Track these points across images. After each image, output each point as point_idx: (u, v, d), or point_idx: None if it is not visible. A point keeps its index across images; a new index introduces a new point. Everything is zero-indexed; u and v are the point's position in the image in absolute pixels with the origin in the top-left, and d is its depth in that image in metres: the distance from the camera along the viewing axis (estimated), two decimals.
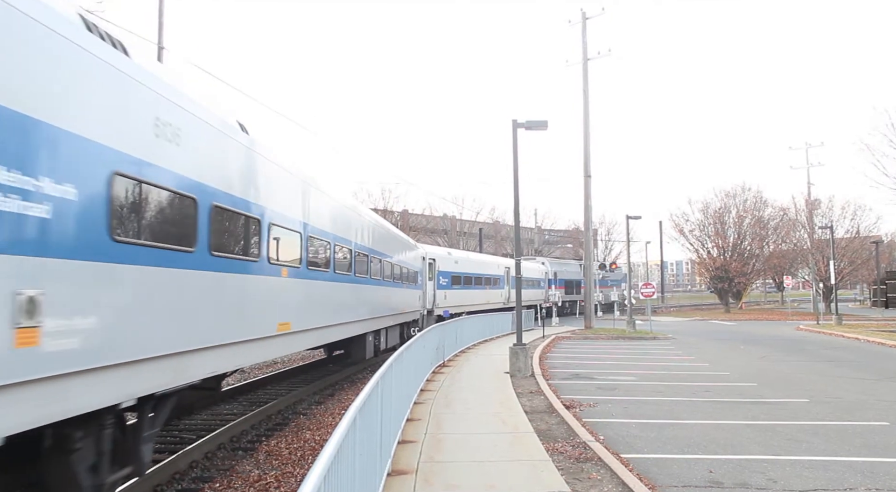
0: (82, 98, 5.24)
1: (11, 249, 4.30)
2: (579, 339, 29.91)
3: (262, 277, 9.28)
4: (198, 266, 7.18)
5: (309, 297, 11.61)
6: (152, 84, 6.30)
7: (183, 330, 6.86)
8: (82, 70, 5.25)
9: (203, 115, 7.42)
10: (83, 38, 5.27)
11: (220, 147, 7.95)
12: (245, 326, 8.63)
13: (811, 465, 8.17)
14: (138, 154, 5.96)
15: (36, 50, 4.71)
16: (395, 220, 56.28)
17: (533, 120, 17.04)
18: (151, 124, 6.23)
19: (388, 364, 7.46)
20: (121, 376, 5.65)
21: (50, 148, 4.79)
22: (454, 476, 7.22)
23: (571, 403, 12.25)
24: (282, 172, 10.24)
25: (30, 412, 4.51)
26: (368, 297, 16.86)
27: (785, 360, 21.04)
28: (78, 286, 5.09)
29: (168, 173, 6.49)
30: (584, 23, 36.20)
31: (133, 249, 5.86)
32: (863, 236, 57.76)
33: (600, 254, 73.48)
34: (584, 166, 35.97)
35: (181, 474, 8.41)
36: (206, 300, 7.45)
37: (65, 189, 4.90)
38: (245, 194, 8.59)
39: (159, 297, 6.38)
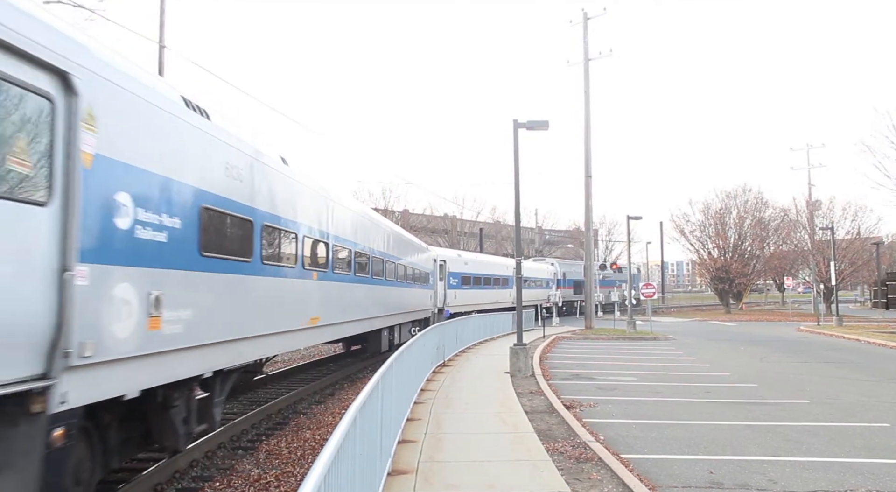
0: (182, 154, 7.21)
1: (147, 264, 6.41)
2: (580, 339, 29.90)
3: (298, 280, 11.23)
4: (254, 273, 9.14)
5: (334, 296, 13.59)
6: (224, 137, 8.30)
7: (242, 322, 8.75)
8: (184, 135, 7.31)
9: (255, 155, 9.36)
10: (184, 112, 7.36)
11: (269, 179, 9.86)
12: (285, 319, 10.59)
13: (811, 466, 8.16)
14: (215, 191, 7.94)
15: (161, 125, 6.81)
16: (395, 219, 56.31)
17: (534, 120, 17.04)
18: (223, 168, 8.22)
19: (389, 364, 7.46)
20: (204, 354, 7.67)
21: (166, 192, 6.77)
22: (454, 476, 7.22)
23: (572, 403, 12.25)
24: (312, 193, 12.22)
25: (153, 375, 6.56)
26: (384, 296, 18.88)
27: (785, 361, 21.03)
28: (181, 289, 7.03)
29: (234, 203, 8.47)
30: (585, 23, 36.19)
31: (213, 261, 7.81)
32: (864, 238, 57.66)
33: (601, 254, 73.50)
34: (584, 166, 35.96)
35: (181, 473, 8.41)
36: (258, 299, 9.32)
37: (174, 221, 6.89)
38: (286, 214, 10.59)
39: (229, 297, 8.33)
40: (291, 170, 11.06)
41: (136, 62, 6.98)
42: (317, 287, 12.34)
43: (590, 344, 27.47)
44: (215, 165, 8.03)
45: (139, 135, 6.45)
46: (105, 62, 5.98)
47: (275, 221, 10.02)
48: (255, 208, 9.24)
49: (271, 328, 9.87)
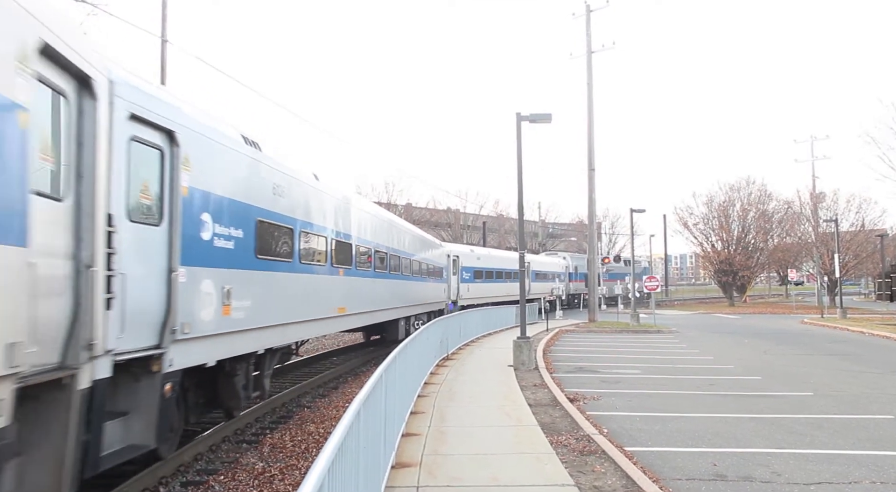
0: (243, 180, 9.45)
1: (222, 265, 8.59)
2: (583, 332, 29.90)
3: (328, 276, 13.49)
4: (294, 270, 11.38)
5: (357, 289, 15.83)
6: (271, 163, 10.51)
7: (285, 310, 10.96)
8: (243, 165, 9.51)
9: (295, 175, 11.57)
10: (243, 147, 9.50)
11: (304, 193, 12.08)
12: (318, 309, 12.90)
13: (815, 458, 8.16)
14: (266, 206, 10.16)
15: (228, 159, 8.97)
16: (398, 213, 56.24)
17: (537, 113, 17.00)
18: (271, 187, 10.44)
19: (392, 357, 7.46)
20: (258, 335, 9.86)
21: (233, 211, 8.98)
22: (458, 469, 7.23)
23: (575, 396, 12.26)
24: (338, 201, 14.45)
25: (224, 350, 8.75)
26: (401, 289, 21.00)
27: (789, 353, 21.01)
28: (243, 284, 9.17)
29: (280, 215, 10.72)
30: (588, 15, 36.04)
31: (265, 262, 10.02)
32: (868, 230, 57.55)
33: (604, 247, 73.33)
34: (588, 160, 35.87)
35: (186, 467, 8.44)
36: (297, 292, 11.61)
37: (238, 232, 9.08)
38: (318, 221, 12.81)
39: (276, 290, 10.52)
40: (321, 184, 13.32)
41: (212, 112, 9.17)
42: (343, 282, 14.62)
43: (593, 337, 27.46)
44: (265, 186, 10.25)
45: (214, 168, 8.56)
46: (194, 119, 8.09)
47: (309, 228, 12.27)
48: (295, 218, 11.52)
49: (308, 316, 12.19)
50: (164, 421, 7.23)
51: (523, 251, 17.78)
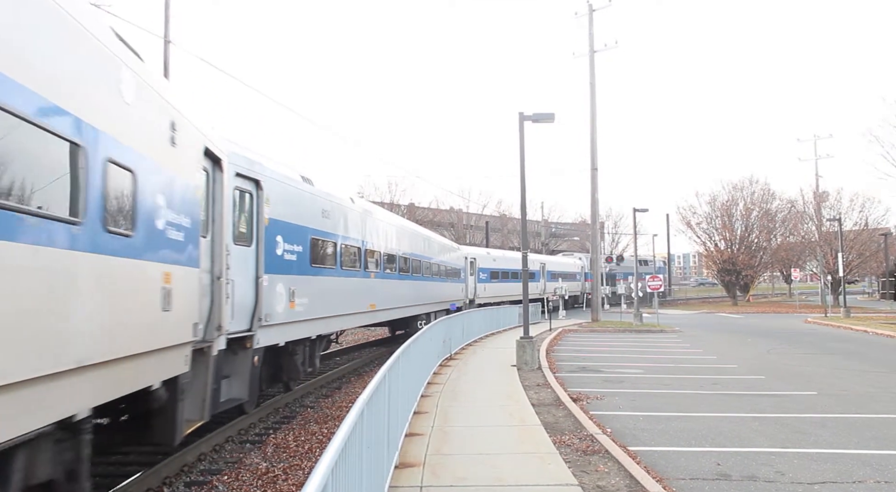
0: (301, 208, 12.42)
1: (289, 273, 11.46)
2: (586, 332, 29.89)
3: (362, 278, 16.66)
4: (336, 275, 14.61)
5: (384, 289, 18.73)
6: (320, 193, 13.71)
7: (330, 306, 14.17)
8: (302, 197, 12.56)
9: (336, 200, 14.84)
10: (301, 184, 12.58)
11: (344, 213, 15.32)
12: (354, 305, 16.02)
13: (819, 457, 8.14)
14: (316, 226, 13.30)
15: (291, 194, 12.00)
16: (401, 213, 56.22)
17: (540, 113, 16.99)
18: (321, 212, 13.62)
19: (396, 357, 7.47)
20: (312, 325, 12.89)
21: (296, 232, 11.99)
22: (462, 469, 7.23)
23: (578, 395, 12.25)
24: (368, 216, 17.66)
25: (290, 334, 11.53)
26: (422, 289, 24.07)
27: (793, 352, 20.97)
28: (302, 286, 12.09)
29: (326, 233, 13.92)
30: (590, 15, 36.01)
31: (316, 269, 13.18)
32: (871, 229, 57.37)
33: (607, 247, 73.27)
34: (590, 159, 35.84)
35: (189, 467, 8.46)
36: (339, 292, 14.81)
37: (299, 247, 12.07)
38: (353, 235, 16.01)
39: (323, 290, 13.65)
40: (356, 204, 16.89)
41: (281, 161, 12.38)
42: (373, 283, 17.64)
43: (596, 337, 27.45)
44: (316, 211, 13.43)
45: (283, 202, 11.60)
46: (271, 168, 11.18)
47: (347, 240, 15.49)
48: (337, 234, 14.73)
49: (346, 311, 15.41)
50: (253, 383, 10.37)
51: (526, 251, 17.79)
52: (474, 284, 35.39)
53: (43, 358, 4.31)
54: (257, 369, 10.34)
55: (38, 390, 4.25)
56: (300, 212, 12.41)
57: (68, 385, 4.68)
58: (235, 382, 9.89)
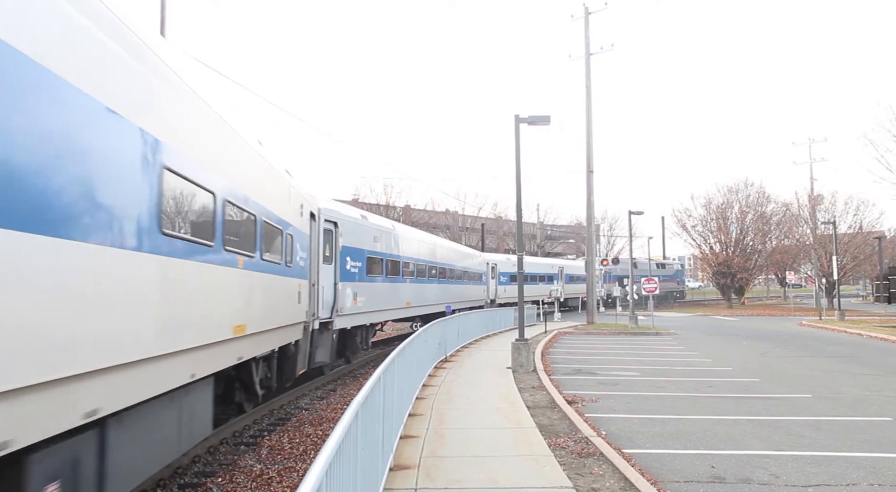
0: (360, 236, 18.08)
1: (353, 280, 17.19)
2: (581, 334, 29.90)
3: (400, 283, 22.23)
4: (383, 281, 19.99)
5: (417, 291, 24.46)
6: (372, 224, 19.50)
7: (378, 304, 19.25)
8: (362, 228, 18.37)
9: (382, 227, 20.36)
10: (361, 219, 18.78)
11: (388, 236, 20.78)
12: (395, 303, 21.57)
13: (814, 460, 8.16)
14: (369, 248, 18.76)
15: (355, 227, 17.78)
16: (397, 215, 56.20)
17: (535, 115, 17.01)
18: (372, 237, 19.13)
19: (391, 359, 7.46)
20: (369, 316, 18.76)
21: (357, 253, 17.65)
22: (456, 471, 7.23)
23: (573, 398, 12.26)
24: (402, 237, 22.96)
25: (354, 322, 17.40)
26: (447, 290, 29.42)
27: (787, 355, 21.02)
28: (361, 289, 17.69)
29: (376, 252, 19.37)
30: (586, 17, 36.08)
31: (370, 277, 18.75)
32: (866, 232, 57.58)
33: (602, 249, 73.36)
34: (586, 162, 35.89)
35: (184, 469, 8.43)
36: (385, 293, 20.07)
37: (359, 263, 17.74)
38: (394, 251, 21.38)
39: (374, 292, 18.90)
40: (397, 228, 23.25)
41: (349, 208, 18.82)
42: (408, 286, 23.29)
43: (591, 339, 27.47)
44: (369, 238, 18.76)
45: (350, 233, 16.73)
46: (344, 213, 16.96)
47: (390, 256, 20.89)
48: (383, 252, 20.16)
49: (388, 307, 20.88)
50: (332, 352, 15.75)
51: (521, 253, 17.81)
52: (495, 286, 40.39)
53: (269, 321, 9.81)
54: (335, 342, 15.97)
55: (269, 335, 9.90)
56: (360, 239, 17.98)
57: (272, 335, 10.19)
58: (322, 349, 15.07)
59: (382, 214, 53.39)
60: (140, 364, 5.31)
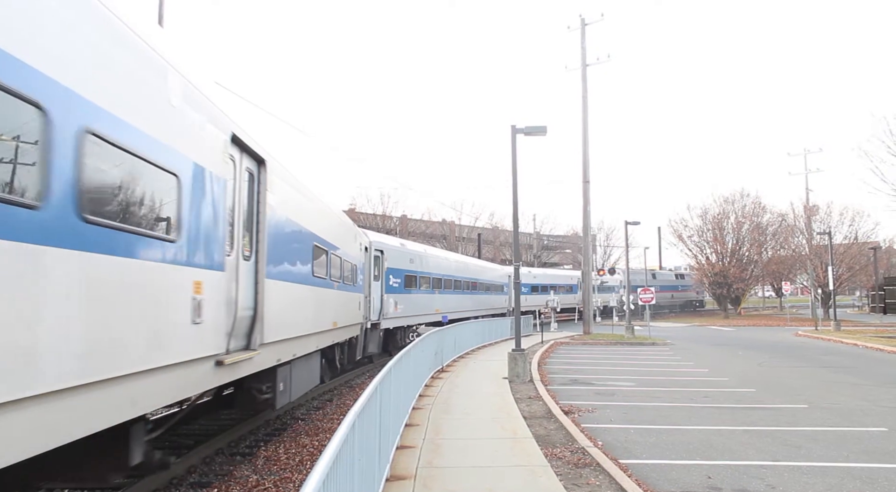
0: (401, 259, 24.70)
1: (395, 292, 23.61)
2: (578, 344, 29.90)
3: (433, 294, 28.89)
4: (418, 293, 26.67)
5: (445, 300, 30.34)
6: (410, 250, 26.76)
7: (415, 310, 25.93)
8: (401, 254, 25.03)
9: (418, 250, 28.11)
10: (401, 247, 25.70)
11: (422, 257, 27.70)
12: (427, 310, 27.67)
13: (810, 471, 8.17)
14: (407, 268, 25.33)
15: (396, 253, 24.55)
16: (393, 225, 56.32)
17: (532, 126, 17.08)
18: (409, 260, 25.79)
19: (387, 369, 7.46)
20: (405, 320, 24.97)
21: (398, 272, 24.15)
22: (453, 481, 7.21)
23: (570, 408, 12.25)
24: (434, 257, 29.85)
25: (396, 323, 23.82)
26: (474, 300, 36.41)
27: (783, 365, 21.04)
28: (400, 300, 24.04)
29: (412, 270, 25.97)
30: (583, 29, 36.34)
31: (407, 290, 25.20)
32: (861, 242, 57.75)
33: (599, 259, 73.47)
34: (582, 172, 36.04)
35: (179, 480, 8.38)
36: (419, 302, 26.58)
37: (399, 280, 24.27)
38: (425, 269, 27.75)
39: (411, 302, 25.50)
40: (428, 250, 29.87)
41: (390, 238, 26.46)
42: (439, 296, 29.54)
43: (588, 349, 27.47)
44: (407, 260, 25.15)
45: (393, 258, 23.47)
46: (388, 244, 23.93)
47: (422, 274, 26.62)
48: (417, 270, 26.15)
49: (422, 312, 26.61)
50: (379, 346, 21.19)
51: (518, 263, 17.83)
52: None
53: (344, 321, 15.01)
54: (381, 339, 21.45)
55: (345, 329, 15.30)
56: (399, 262, 24.12)
57: (346, 330, 15.45)
58: (372, 343, 20.37)
59: (378, 224, 53.79)
60: (304, 338, 10.88)
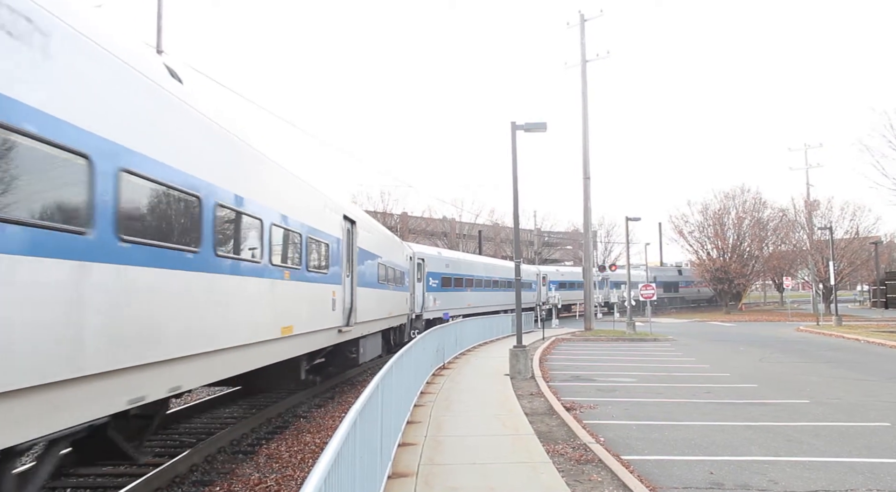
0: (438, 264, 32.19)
1: (433, 291, 30.50)
2: (579, 340, 29.90)
3: (465, 292, 35.90)
4: (452, 291, 33.29)
5: (475, 296, 37.40)
6: (447, 257, 35.08)
7: (448, 305, 32.11)
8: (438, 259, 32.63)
9: (453, 256, 36.51)
10: (437, 255, 33.02)
11: (455, 262, 35.40)
12: (460, 304, 34.50)
13: (812, 466, 8.16)
14: (443, 271, 32.56)
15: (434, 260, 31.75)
16: (394, 222, 56.32)
17: (532, 122, 17.04)
18: (445, 265, 33.19)
19: (388, 366, 7.45)
20: (442, 312, 30.91)
21: (435, 275, 31.28)
22: (455, 478, 7.21)
23: (572, 404, 12.25)
24: (467, 261, 37.81)
25: (433, 315, 29.69)
26: (500, 296, 41.32)
27: (785, 361, 21.04)
28: (438, 296, 30.86)
29: (448, 273, 33.18)
30: (582, 25, 36.25)
31: (444, 288, 32.09)
32: (862, 237, 57.70)
33: (600, 256, 73.43)
34: (583, 168, 36.00)
35: (181, 478, 8.39)
36: (453, 297, 33.31)
37: (437, 281, 31.26)
38: (459, 271, 35.21)
39: (449, 298, 32.64)
40: (462, 256, 38.97)
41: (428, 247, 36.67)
42: (470, 293, 36.31)
43: (589, 345, 27.47)
44: (443, 264, 32.50)
45: (430, 264, 30.95)
46: (428, 253, 31.76)
47: (455, 275, 34.06)
48: (452, 272, 33.40)
49: (456, 306, 33.33)
50: (422, 329, 24.50)
51: (518, 260, 17.81)
52: (546, 291, 51.47)
53: (397, 311, 22.10)
54: (424, 325, 26.53)
55: (397, 317, 22.22)
56: (436, 266, 30.75)
57: (398, 318, 22.41)
58: (416, 331, 24.51)
59: (379, 221, 53.67)
60: (374, 321, 17.18)
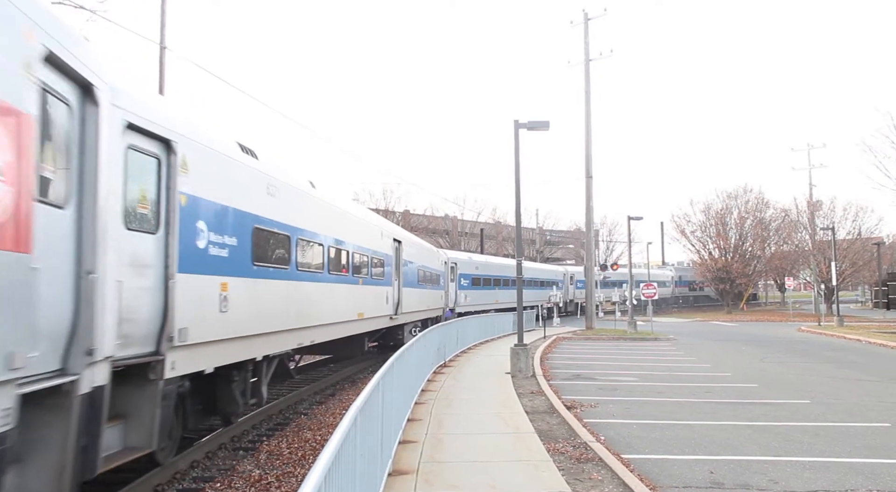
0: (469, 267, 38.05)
1: (465, 289, 36.38)
2: (580, 339, 29.91)
3: (493, 290, 40.56)
4: (481, 288, 38.89)
5: (504, 294, 40.76)
6: (478, 260, 41.28)
7: (479, 301, 37.97)
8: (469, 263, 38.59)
9: (481, 260, 41.65)
10: (469, 259, 39.66)
11: (485, 264, 40.81)
12: (489, 300, 39.51)
13: (812, 466, 8.16)
14: (471, 272, 37.83)
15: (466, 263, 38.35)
16: (396, 220, 56.27)
17: (535, 120, 17.03)
18: (474, 267, 38.79)
19: (389, 364, 7.46)
20: (473, 307, 36.14)
21: (468, 277, 37.43)
22: (455, 476, 7.22)
23: (572, 403, 12.25)
24: (495, 263, 42.86)
25: (465, 309, 34.87)
26: (532, 294, 43.94)
27: (786, 361, 21.03)
28: (470, 293, 36.87)
29: (478, 274, 38.74)
30: (585, 24, 36.20)
31: (475, 286, 37.98)
32: (864, 238, 57.61)
33: (601, 255, 73.41)
34: (585, 167, 35.97)
35: (182, 474, 8.41)
36: (481, 295, 38.73)
37: (468, 280, 37.24)
38: (488, 273, 40.27)
39: (478, 294, 38.16)
40: (490, 259, 44.38)
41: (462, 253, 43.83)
42: (497, 291, 40.74)
43: (591, 344, 27.47)
44: (473, 267, 38.13)
45: (463, 267, 36.68)
46: (461, 258, 38.04)
47: (484, 276, 39.16)
48: (481, 273, 38.81)
49: (484, 302, 38.31)
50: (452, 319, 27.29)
51: (520, 259, 17.80)
52: (573, 289, 56.86)
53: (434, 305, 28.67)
54: (455, 317, 27.82)
55: (434, 310, 28.64)
56: (467, 269, 36.10)
57: (434, 311, 28.49)
58: (450, 319, 26.15)
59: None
60: (415, 313, 23.44)
